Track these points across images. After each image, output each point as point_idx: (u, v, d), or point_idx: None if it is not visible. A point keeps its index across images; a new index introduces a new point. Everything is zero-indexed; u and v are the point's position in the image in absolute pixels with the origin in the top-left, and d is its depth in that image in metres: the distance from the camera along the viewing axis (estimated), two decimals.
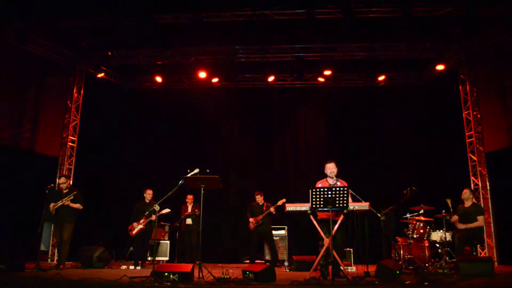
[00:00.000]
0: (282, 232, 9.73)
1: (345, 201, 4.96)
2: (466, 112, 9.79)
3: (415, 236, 7.11)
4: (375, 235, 9.55)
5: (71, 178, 10.03)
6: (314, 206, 5.06)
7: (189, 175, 5.74)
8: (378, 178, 10.62)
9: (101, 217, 10.52)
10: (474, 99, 9.66)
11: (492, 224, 9.04)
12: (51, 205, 7.21)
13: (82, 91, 10.59)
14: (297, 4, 8.46)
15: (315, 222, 5.36)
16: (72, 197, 7.27)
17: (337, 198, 4.95)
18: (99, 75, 10.57)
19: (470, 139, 9.65)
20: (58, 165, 10.02)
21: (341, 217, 5.31)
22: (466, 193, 7.05)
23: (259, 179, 10.93)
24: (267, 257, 9.26)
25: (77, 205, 7.32)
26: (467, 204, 7.00)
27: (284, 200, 8.08)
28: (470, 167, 9.54)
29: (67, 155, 10.08)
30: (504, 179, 9.01)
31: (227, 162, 11.19)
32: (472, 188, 9.31)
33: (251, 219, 8.55)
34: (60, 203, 7.20)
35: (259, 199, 8.64)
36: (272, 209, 8.39)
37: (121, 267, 7.71)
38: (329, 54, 9.98)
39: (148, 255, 8.61)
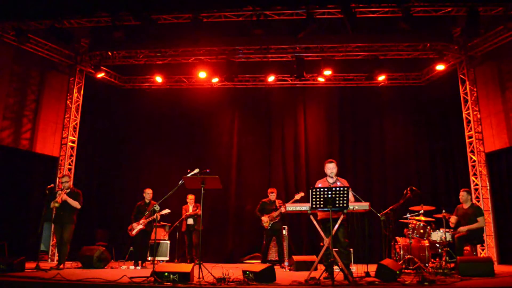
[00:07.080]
0: (282, 232, 9.69)
1: (345, 201, 4.94)
2: (466, 112, 9.78)
3: (415, 236, 7.10)
4: (375, 235, 9.61)
5: (71, 178, 10.00)
6: (314, 206, 5.04)
7: (189, 175, 5.73)
8: (378, 177, 10.63)
9: (101, 217, 10.52)
10: (474, 99, 9.66)
11: (492, 224, 9.04)
12: (52, 202, 7.17)
13: (82, 91, 10.59)
14: (297, 4, 8.46)
15: (315, 222, 5.34)
16: (68, 191, 7.24)
17: (337, 198, 4.94)
18: (99, 75, 10.57)
19: (470, 139, 9.64)
20: (58, 165, 10.01)
21: (342, 217, 5.29)
22: (463, 196, 6.99)
23: (259, 179, 10.92)
24: (270, 257, 9.13)
25: (76, 203, 7.21)
26: (466, 205, 6.98)
27: (302, 194, 8.02)
28: (470, 167, 9.53)
29: (67, 155, 10.07)
30: (504, 179, 9.02)
31: (227, 162, 11.18)
32: (472, 188, 9.33)
33: (264, 218, 8.32)
34: (59, 198, 7.12)
35: (273, 195, 8.55)
36: (284, 208, 8.20)
37: (121, 267, 7.71)
38: (329, 54, 10.00)
39: (148, 255, 8.61)
